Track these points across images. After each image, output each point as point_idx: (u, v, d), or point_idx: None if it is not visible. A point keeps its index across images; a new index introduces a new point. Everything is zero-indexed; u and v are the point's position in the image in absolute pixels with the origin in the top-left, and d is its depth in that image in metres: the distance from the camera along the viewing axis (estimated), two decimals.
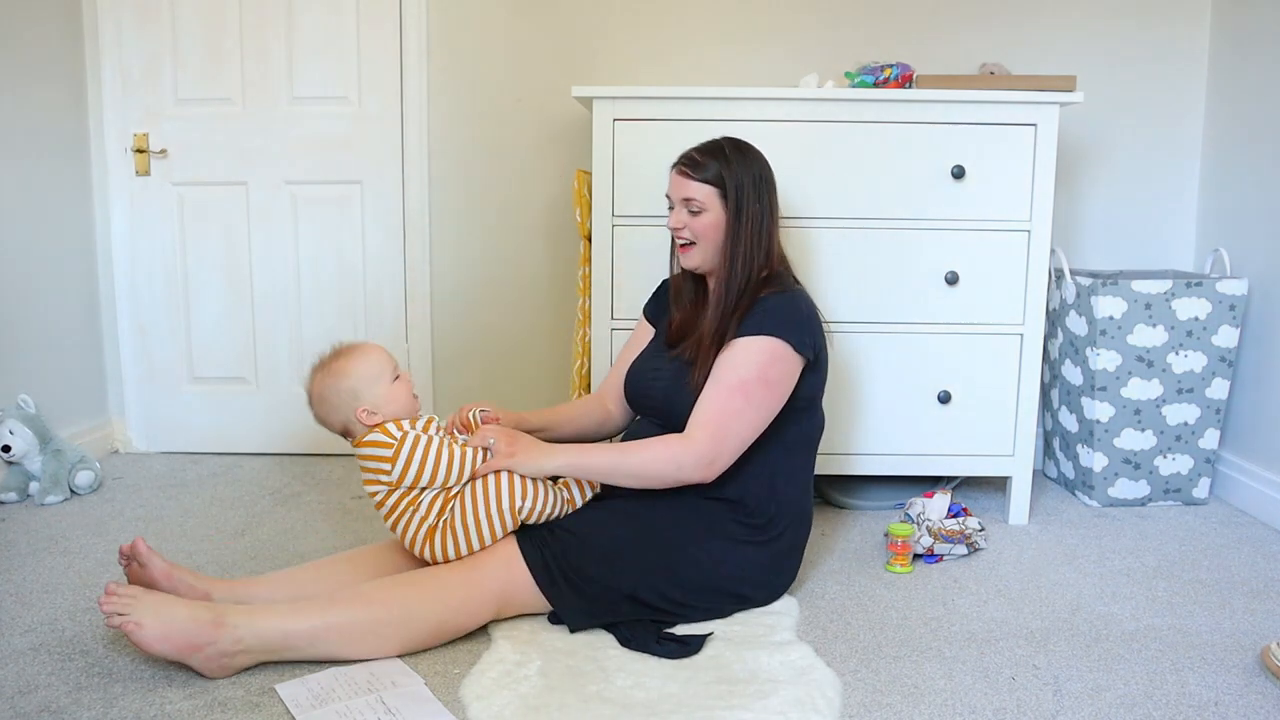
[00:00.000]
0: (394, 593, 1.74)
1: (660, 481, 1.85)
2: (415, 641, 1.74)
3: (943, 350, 2.46)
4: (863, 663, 1.77)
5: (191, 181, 3.02)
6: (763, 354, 1.86)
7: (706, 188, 1.96)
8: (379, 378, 1.86)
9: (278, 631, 1.66)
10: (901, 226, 2.42)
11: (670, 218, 2.01)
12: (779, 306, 1.91)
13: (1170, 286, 2.59)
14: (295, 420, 3.11)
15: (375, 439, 1.81)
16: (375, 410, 1.83)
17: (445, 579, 1.78)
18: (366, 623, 1.70)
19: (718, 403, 1.84)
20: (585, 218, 2.58)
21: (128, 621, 1.58)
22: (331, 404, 1.85)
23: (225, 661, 1.64)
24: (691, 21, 2.93)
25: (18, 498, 2.60)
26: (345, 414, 1.84)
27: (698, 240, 1.98)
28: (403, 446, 1.79)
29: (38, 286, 2.80)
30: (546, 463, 1.85)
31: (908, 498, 2.58)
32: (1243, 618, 1.98)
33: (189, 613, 1.63)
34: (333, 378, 1.85)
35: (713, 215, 1.96)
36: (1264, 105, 2.66)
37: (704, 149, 2.00)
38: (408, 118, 2.97)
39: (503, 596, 1.81)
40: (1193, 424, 2.66)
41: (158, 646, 1.59)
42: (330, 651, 1.69)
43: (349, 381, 1.84)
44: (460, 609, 1.77)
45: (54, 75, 2.85)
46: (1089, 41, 2.90)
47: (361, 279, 3.06)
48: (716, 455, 1.83)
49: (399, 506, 1.83)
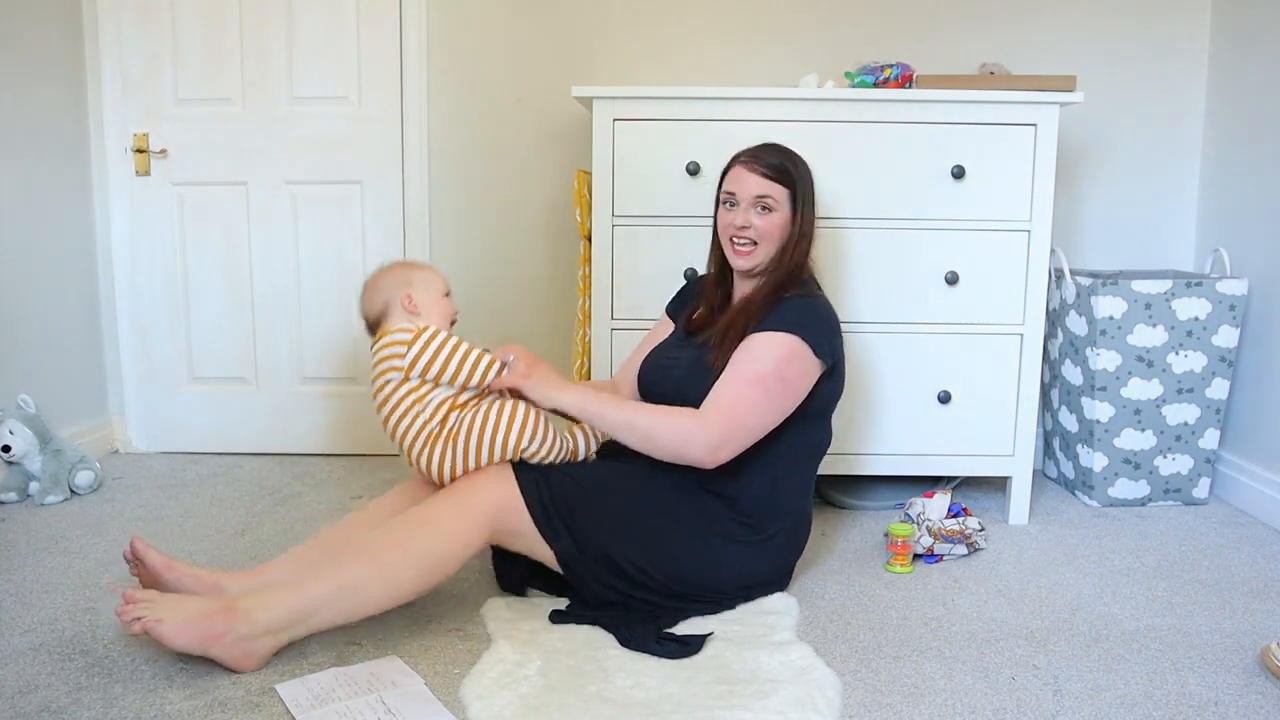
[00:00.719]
0: (392, 537, 1.74)
1: (664, 450, 1.83)
2: (425, 578, 1.74)
3: (943, 350, 2.46)
4: (863, 663, 1.77)
5: (191, 181, 3.02)
6: (781, 349, 1.86)
7: (781, 188, 1.96)
8: (434, 287, 1.95)
9: (290, 605, 1.67)
10: (901, 226, 2.42)
11: (735, 215, 1.97)
12: (803, 307, 1.92)
13: (1170, 286, 2.59)
14: (295, 420, 3.11)
15: (399, 326, 1.87)
16: (418, 303, 1.90)
17: (437, 509, 1.77)
18: (373, 573, 1.70)
19: (734, 391, 1.83)
20: (585, 218, 2.58)
21: (148, 621, 1.60)
22: (383, 285, 1.93)
23: (248, 648, 1.65)
24: (691, 21, 2.93)
25: (18, 498, 2.60)
26: (391, 295, 1.91)
27: (761, 240, 1.96)
28: (422, 334, 1.83)
29: (38, 286, 2.80)
30: (560, 396, 1.84)
31: (908, 498, 2.58)
32: (1243, 618, 1.98)
33: (201, 605, 1.66)
34: (396, 267, 1.97)
35: (781, 216, 1.96)
36: (1264, 105, 2.66)
37: (770, 148, 2.00)
38: (408, 118, 2.97)
39: (495, 518, 1.79)
40: (1193, 424, 2.66)
41: (179, 639, 1.61)
42: (347, 611, 1.70)
43: (408, 273, 1.94)
44: (457, 535, 1.75)
45: (54, 75, 2.85)
46: (1089, 41, 2.90)
47: (361, 279, 3.01)
48: (725, 442, 1.82)
49: (404, 402, 1.83)
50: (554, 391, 1.85)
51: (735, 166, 2.00)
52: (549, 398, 1.85)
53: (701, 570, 1.89)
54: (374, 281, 1.96)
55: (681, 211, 2.40)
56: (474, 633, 1.86)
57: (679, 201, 2.41)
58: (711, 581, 1.91)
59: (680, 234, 2.40)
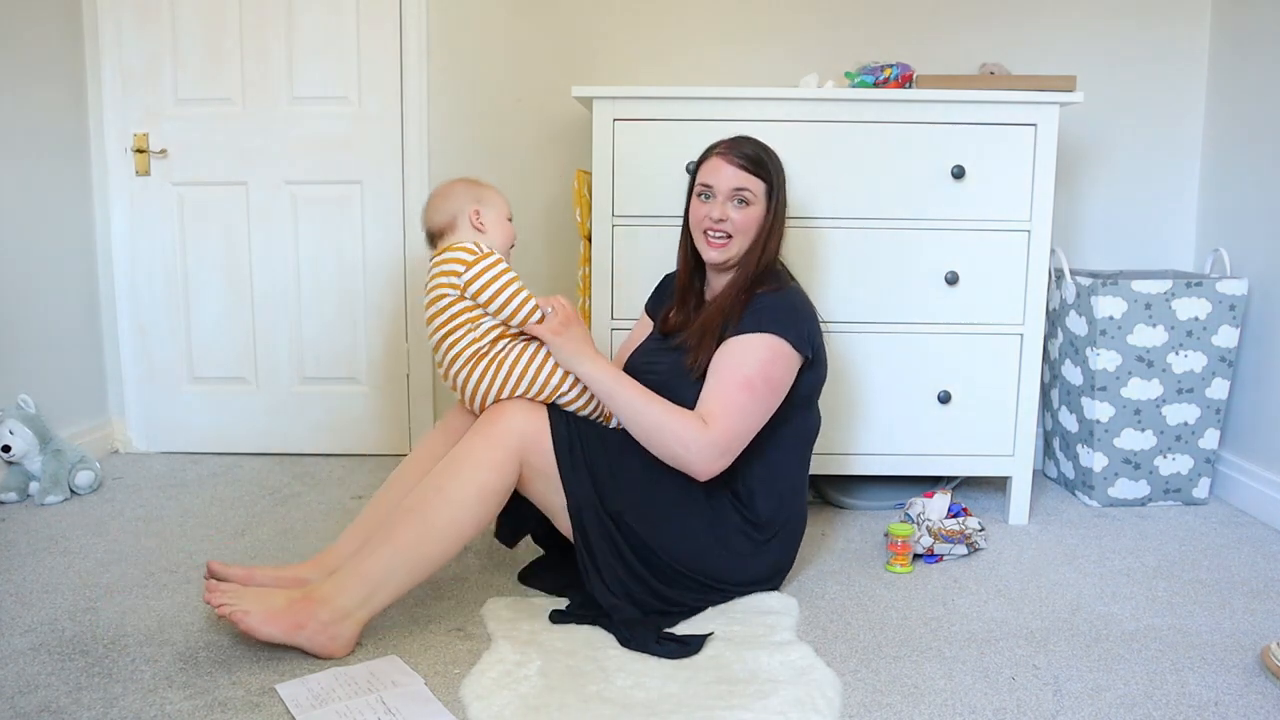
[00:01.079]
0: (432, 488, 1.76)
1: (662, 449, 1.83)
2: (474, 516, 1.76)
3: (943, 350, 2.46)
4: (863, 663, 1.77)
5: (191, 181, 3.02)
6: (763, 351, 1.86)
7: (759, 181, 1.96)
8: (500, 208, 1.99)
9: (359, 581, 1.72)
10: (901, 226, 2.42)
11: (710, 208, 1.97)
12: (777, 304, 1.91)
13: (1170, 286, 2.59)
14: (295, 420, 3.11)
15: (462, 244, 1.89)
16: (484, 220, 1.95)
17: (468, 445, 1.79)
18: (424, 530, 1.73)
19: (725, 396, 1.84)
20: (585, 218, 2.58)
21: (236, 610, 1.66)
22: (453, 196, 1.96)
23: (334, 631, 1.70)
24: (691, 21, 2.93)
25: (18, 498, 2.60)
26: (460, 206, 1.94)
27: (736, 234, 1.96)
28: (484, 259, 1.86)
29: (38, 286, 2.80)
30: (579, 365, 1.86)
31: (908, 498, 2.58)
32: (1243, 618, 1.98)
33: (285, 595, 1.72)
34: (466, 182, 2.00)
35: (758, 209, 1.96)
36: (1264, 105, 2.66)
37: (746, 140, 2.00)
38: (408, 118, 2.97)
39: (523, 449, 1.81)
40: (1193, 424, 2.66)
41: (265, 630, 1.66)
42: (413, 571, 1.74)
43: (477, 190, 1.97)
44: (491, 465, 1.77)
45: (54, 75, 2.85)
46: (1089, 41, 2.90)
47: (361, 279, 3.06)
48: (725, 449, 1.83)
49: (458, 319, 1.87)
50: (575, 361, 1.86)
51: (712, 157, 1.99)
52: (568, 361, 1.86)
53: (702, 555, 1.90)
54: (444, 191, 1.98)
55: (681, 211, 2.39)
56: (474, 633, 1.86)
57: (679, 201, 2.39)
58: (711, 569, 1.92)
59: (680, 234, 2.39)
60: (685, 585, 1.91)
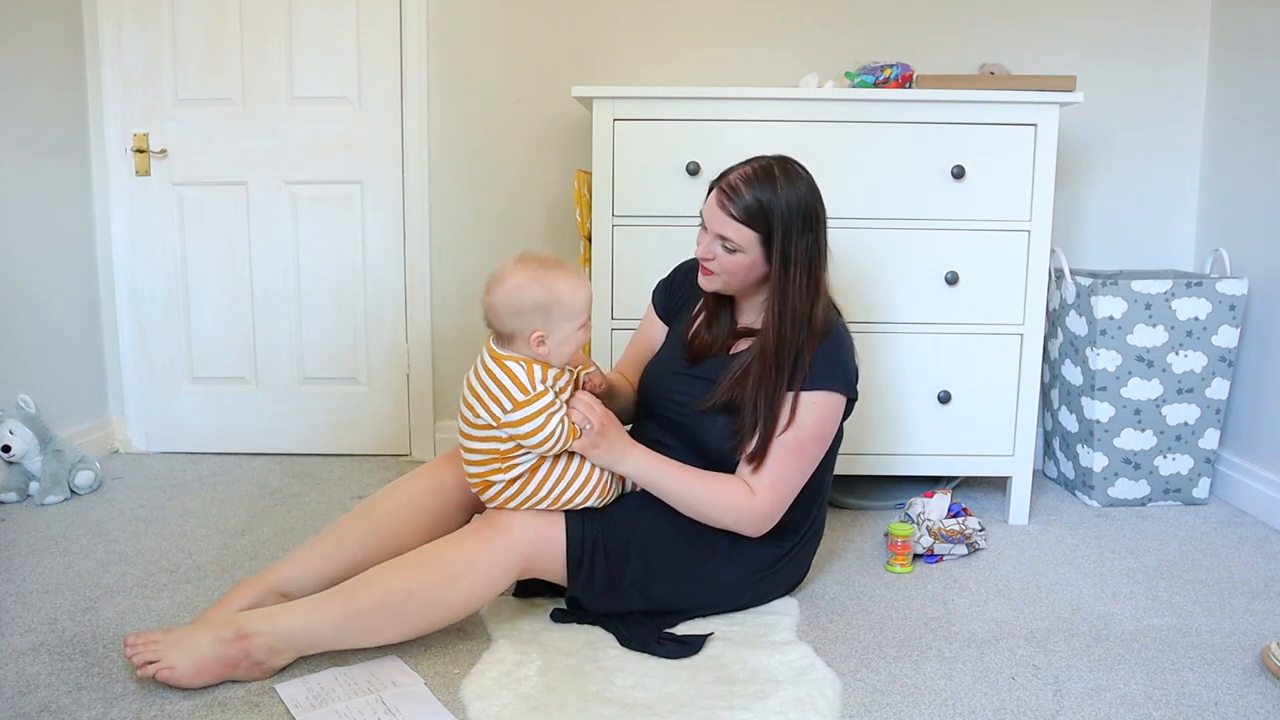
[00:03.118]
0: (415, 576, 1.68)
1: (714, 522, 1.83)
2: (441, 619, 1.73)
3: (942, 350, 2.46)
4: (863, 663, 1.77)
5: (191, 181, 3.02)
6: (819, 410, 1.83)
7: (748, 232, 1.79)
8: (576, 316, 1.71)
9: (301, 630, 1.66)
10: (901, 226, 2.42)
11: (700, 242, 1.88)
12: (831, 356, 1.84)
13: (1170, 286, 2.59)
14: (295, 420, 3.11)
15: (515, 371, 1.69)
16: (548, 344, 1.70)
17: (469, 552, 1.71)
18: (389, 609, 1.67)
19: (779, 467, 1.82)
20: (585, 218, 2.58)
21: (160, 669, 1.60)
22: (517, 307, 1.68)
23: (265, 666, 1.65)
24: (692, 21, 2.93)
25: (18, 498, 2.60)
26: (521, 325, 1.69)
27: (722, 272, 1.86)
28: (533, 404, 1.68)
29: (38, 286, 2.80)
30: (622, 464, 1.79)
31: (908, 498, 2.58)
32: (1243, 618, 1.98)
33: (212, 636, 1.63)
34: (538, 283, 1.69)
35: (747, 258, 1.82)
36: (1264, 105, 2.66)
37: (750, 177, 1.80)
38: (408, 118, 2.97)
39: (528, 559, 1.75)
40: (1193, 424, 2.66)
41: (197, 682, 1.61)
42: (357, 641, 1.69)
43: (552, 299, 1.68)
44: (485, 581, 1.71)
45: (54, 75, 2.84)
46: (1089, 41, 2.90)
47: (361, 279, 3.06)
48: (776, 513, 1.85)
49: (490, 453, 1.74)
50: (615, 461, 1.79)
51: (714, 191, 1.85)
52: (610, 466, 1.80)
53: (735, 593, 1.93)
54: (515, 288, 1.69)
55: (681, 211, 2.40)
56: (474, 633, 1.86)
57: (679, 201, 2.41)
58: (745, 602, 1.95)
59: (680, 234, 2.39)
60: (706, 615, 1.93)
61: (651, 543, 1.83)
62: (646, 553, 1.83)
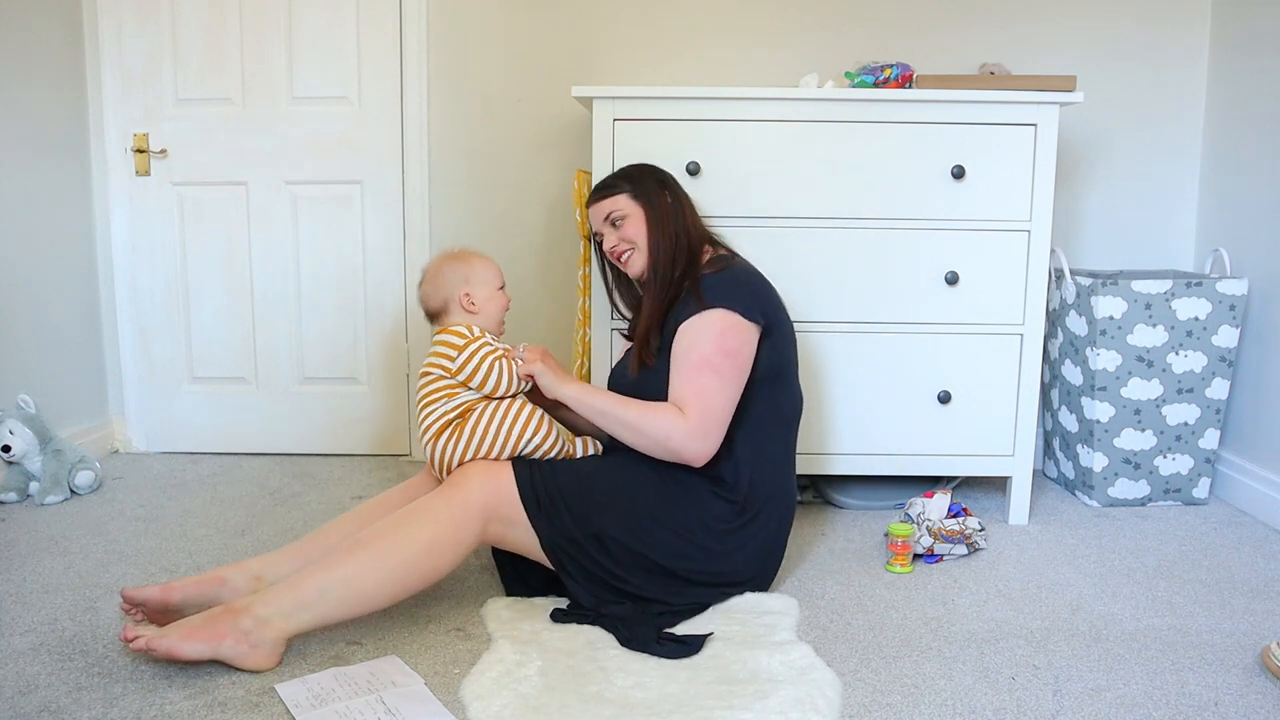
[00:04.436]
0: (383, 531, 1.77)
1: (649, 442, 1.88)
2: (416, 571, 1.76)
3: (943, 350, 2.46)
4: (863, 663, 1.77)
5: (191, 181, 3.02)
6: (712, 327, 1.89)
7: (619, 196, 2.06)
8: (491, 281, 2.04)
9: (286, 595, 1.69)
10: (901, 226, 2.42)
11: (605, 243, 2.09)
12: (717, 281, 1.95)
13: (1170, 286, 2.59)
14: (295, 420, 3.11)
15: (457, 329, 1.96)
16: (476, 302, 2.00)
17: (430, 502, 1.81)
18: (365, 565, 1.72)
19: (691, 380, 1.88)
20: (585, 218, 2.57)
21: (151, 638, 1.61)
22: (444, 280, 2.01)
23: (255, 639, 1.66)
24: (691, 21, 2.93)
25: (18, 498, 2.60)
26: (451, 291, 2.00)
27: (633, 245, 2.05)
28: (473, 344, 1.93)
29: (38, 286, 2.80)
30: (561, 389, 1.94)
31: (908, 498, 2.58)
32: (1243, 618, 1.98)
33: (203, 614, 1.70)
34: (455, 260, 2.04)
35: (634, 218, 2.04)
36: (1264, 105, 2.66)
37: (602, 182, 2.12)
38: (408, 118, 2.97)
39: (486, 508, 1.83)
40: (1193, 424, 2.66)
41: (186, 647, 1.63)
42: (342, 601, 1.71)
43: (467, 269, 2.02)
44: (448, 523, 1.79)
45: (54, 74, 2.85)
46: (1089, 41, 2.90)
47: (361, 279, 3.06)
48: (707, 433, 1.86)
49: (437, 393, 1.94)
50: (555, 385, 1.94)
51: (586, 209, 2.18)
52: (551, 386, 1.94)
53: (690, 552, 1.91)
54: (433, 275, 2.04)
55: None
56: (474, 633, 1.86)
57: None
58: (699, 565, 1.92)
59: None
60: (677, 588, 1.91)
61: (601, 483, 1.90)
62: (597, 492, 1.88)
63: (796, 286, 2.40)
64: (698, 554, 1.91)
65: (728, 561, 1.94)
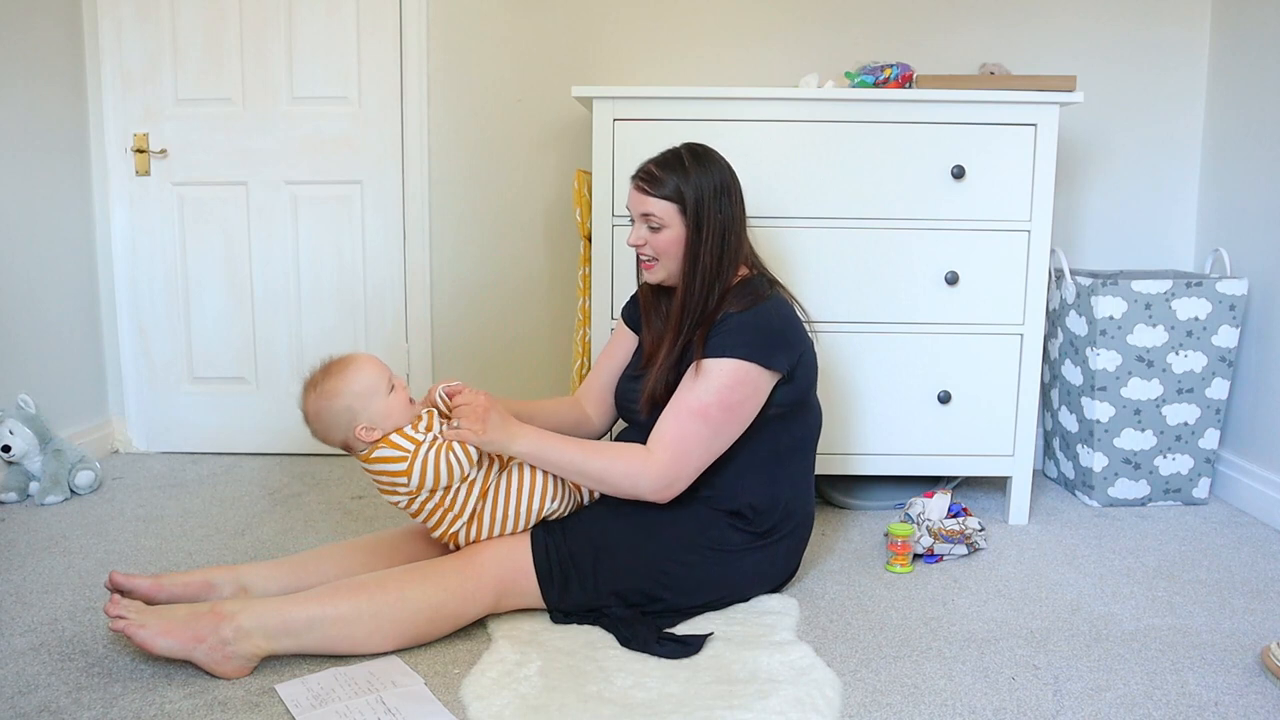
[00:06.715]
0: (390, 582, 1.75)
1: (616, 491, 1.84)
2: (412, 631, 1.74)
3: (942, 350, 2.46)
4: (863, 663, 1.77)
5: (191, 181, 3.02)
6: (726, 378, 1.82)
7: (665, 204, 1.89)
8: (375, 393, 1.79)
9: (275, 615, 1.67)
10: (901, 226, 2.42)
11: (631, 233, 1.96)
12: (747, 325, 1.85)
13: (1170, 286, 2.60)
14: (295, 420, 3.09)
15: (385, 454, 1.78)
16: (374, 426, 1.78)
17: (443, 566, 1.79)
18: (363, 611, 1.70)
19: (678, 426, 1.82)
20: (585, 218, 2.58)
21: (131, 624, 1.61)
22: (328, 423, 1.81)
23: (230, 651, 1.64)
24: (691, 21, 2.93)
25: (18, 498, 2.60)
26: (344, 433, 1.80)
27: (659, 257, 1.93)
28: (415, 458, 1.76)
29: (38, 286, 2.80)
30: (512, 445, 1.79)
31: (908, 498, 2.58)
32: (1243, 618, 1.98)
33: (188, 610, 1.68)
34: (326, 398, 1.79)
35: (673, 231, 1.90)
36: (1264, 105, 2.66)
37: (662, 161, 1.93)
38: (408, 118, 2.97)
39: (501, 584, 1.81)
40: (1193, 424, 2.66)
41: (161, 643, 1.62)
42: (328, 638, 1.69)
43: (343, 400, 1.78)
44: (457, 593, 1.77)
45: (54, 75, 2.85)
46: (1089, 41, 2.90)
47: (361, 279, 3.06)
48: (675, 479, 1.83)
49: (434, 509, 1.83)
50: (506, 440, 1.78)
51: (631, 181, 1.96)
52: (503, 447, 1.78)
53: (715, 584, 1.91)
54: (315, 414, 1.82)
55: None
56: (474, 633, 1.86)
57: None
58: (726, 592, 1.93)
59: None
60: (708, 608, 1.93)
61: (614, 542, 1.85)
62: (613, 553, 1.85)
63: (796, 287, 2.39)
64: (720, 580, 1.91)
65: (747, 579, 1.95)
